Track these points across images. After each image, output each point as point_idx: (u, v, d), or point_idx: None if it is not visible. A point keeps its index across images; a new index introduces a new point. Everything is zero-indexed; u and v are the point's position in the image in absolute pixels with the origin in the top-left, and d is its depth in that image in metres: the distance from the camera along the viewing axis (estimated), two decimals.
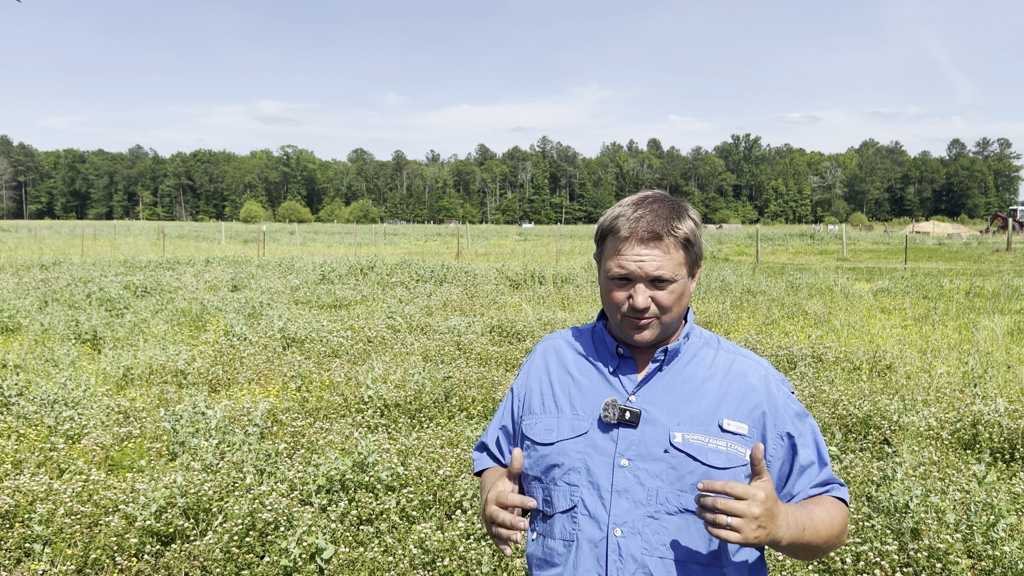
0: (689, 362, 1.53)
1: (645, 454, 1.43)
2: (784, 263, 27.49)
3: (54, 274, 19.18)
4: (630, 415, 1.44)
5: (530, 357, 1.70)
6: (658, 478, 1.42)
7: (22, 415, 6.08)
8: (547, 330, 10.25)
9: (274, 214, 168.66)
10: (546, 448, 1.52)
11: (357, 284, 17.31)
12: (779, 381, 1.54)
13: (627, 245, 1.44)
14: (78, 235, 49.03)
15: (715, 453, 1.43)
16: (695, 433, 1.44)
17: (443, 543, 3.81)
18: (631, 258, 1.43)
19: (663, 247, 1.43)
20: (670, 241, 1.43)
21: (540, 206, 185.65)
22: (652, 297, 1.44)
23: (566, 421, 1.52)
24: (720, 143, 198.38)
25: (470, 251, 35.94)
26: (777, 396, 1.51)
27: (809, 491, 1.49)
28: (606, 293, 1.50)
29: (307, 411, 6.47)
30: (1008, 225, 46.22)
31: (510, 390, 1.72)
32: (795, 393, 1.67)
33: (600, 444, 1.46)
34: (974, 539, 3.72)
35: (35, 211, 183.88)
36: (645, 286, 1.43)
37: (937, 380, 7.50)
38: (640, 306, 1.43)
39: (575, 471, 1.47)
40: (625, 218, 1.46)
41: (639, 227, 1.43)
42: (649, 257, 1.42)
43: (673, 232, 1.44)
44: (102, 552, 3.81)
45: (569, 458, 1.48)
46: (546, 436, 1.53)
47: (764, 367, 1.55)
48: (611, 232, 1.48)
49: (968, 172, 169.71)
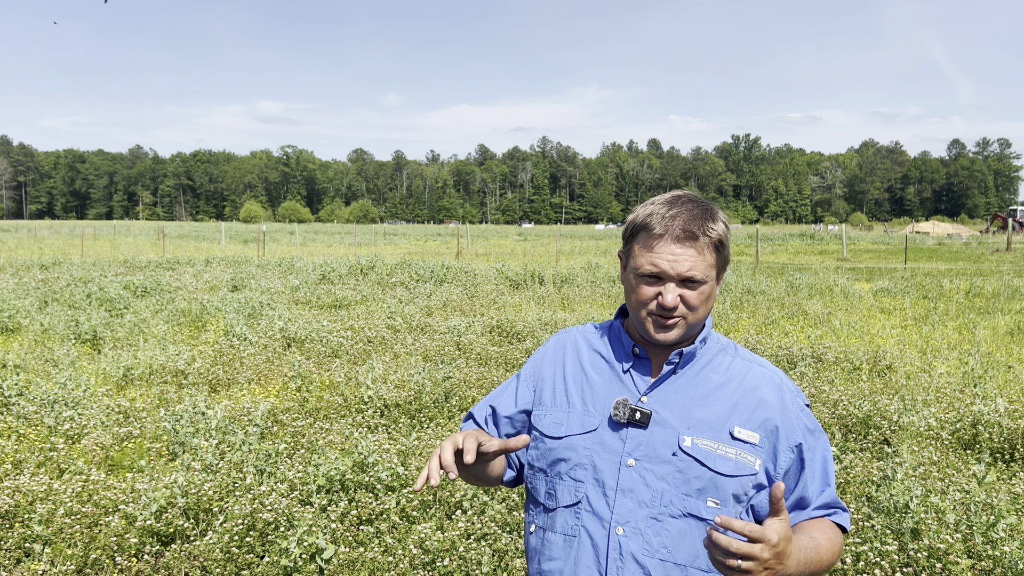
0: (704, 367, 1.51)
1: (653, 455, 1.43)
2: (784, 263, 27.49)
3: (54, 274, 19.18)
4: (640, 415, 1.44)
5: (543, 347, 1.69)
6: (664, 480, 1.42)
7: (22, 415, 6.08)
8: (547, 330, 10.25)
9: (274, 214, 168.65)
10: (554, 441, 1.52)
11: (357, 284, 17.31)
12: (793, 393, 1.53)
13: (661, 243, 1.43)
14: (78, 235, 49.03)
15: (723, 460, 1.43)
16: (705, 439, 1.43)
17: (443, 543, 3.82)
18: (665, 256, 1.42)
19: (698, 247, 1.42)
20: (704, 241, 1.43)
21: (540, 206, 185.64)
22: (681, 296, 1.43)
23: (576, 417, 1.51)
24: (720, 143, 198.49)
25: (470, 251, 35.94)
26: (791, 408, 1.50)
27: (812, 512, 1.49)
28: (632, 290, 1.48)
29: (307, 411, 6.47)
30: (1008, 225, 46.30)
31: (516, 375, 1.69)
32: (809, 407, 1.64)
33: (608, 442, 1.46)
34: (974, 539, 3.72)
35: (35, 211, 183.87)
36: (676, 285, 1.42)
37: (937, 380, 7.50)
38: (670, 305, 1.41)
39: (581, 467, 1.47)
40: (659, 216, 1.44)
41: (674, 225, 1.42)
42: (683, 256, 1.41)
43: (708, 233, 1.43)
44: (102, 552, 3.81)
45: (576, 454, 1.48)
46: (555, 430, 1.53)
47: (779, 378, 1.54)
48: (644, 228, 1.46)
49: (968, 172, 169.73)
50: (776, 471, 1.47)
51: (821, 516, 1.49)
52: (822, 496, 1.49)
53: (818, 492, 1.49)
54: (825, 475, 1.50)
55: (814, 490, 1.49)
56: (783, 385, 1.52)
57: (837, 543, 1.45)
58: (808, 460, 1.49)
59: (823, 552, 1.39)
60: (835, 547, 1.44)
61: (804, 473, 1.48)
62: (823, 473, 1.50)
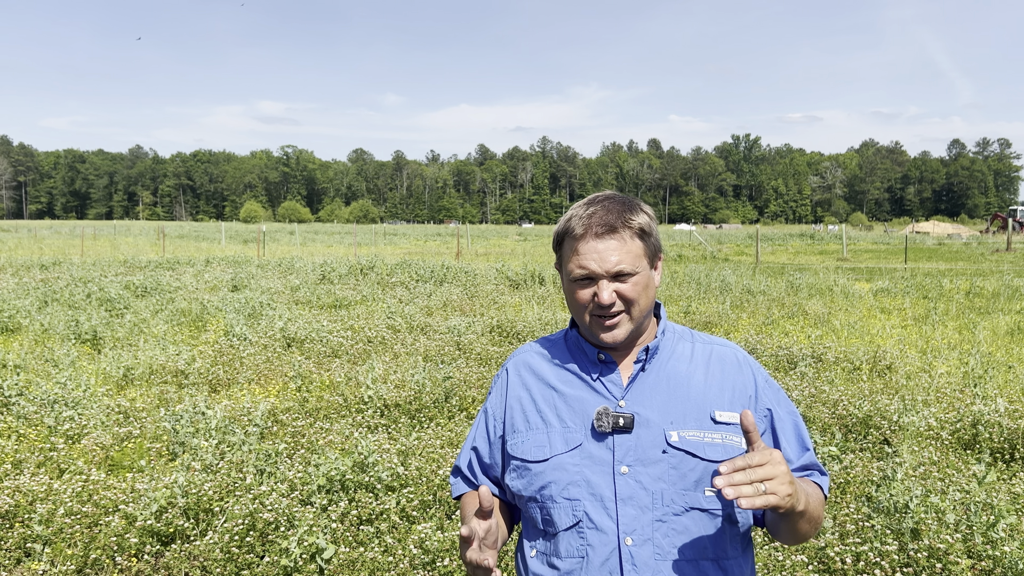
0: (670, 358, 1.51)
1: (644, 458, 1.42)
2: (784, 263, 27.49)
3: (54, 274, 19.17)
4: (624, 420, 1.42)
5: (499, 376, 1.64)
6: (661, 480, 1.41)
7: (22, 415, 6.08)
8: (547, 330, 10.25)
9: (274, 214, 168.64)
10: (540, 465, 1.47)
11: (357, 284, 17.31)
12: (754, 365, 1.56)
13: (584, 243, 1.43)
14: (78, 235, 49.02)
15: (711, 447, 1.42)
16: (689, 429, 1.43)
17: (443, 543, 3.81)
18: (591, 256, 1.42)
19: (619, 239, 1.42)
20: (626, 233, 1.43)
21: (540, 206, 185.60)
22: (616, 292, 1.42)
23: (557, 435, 1.47)
24: (720, 143, 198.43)
25: (470, 251, 35.94)
26: (756, 379, 1.52)
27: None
28: (570, 296, 1.48)
29: (307, 411, 6.47)
30: (1008, 225, 46.27)
31: (483, 411, 1.64)
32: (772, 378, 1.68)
33: (597, 454, 1.43)
34: (974, 539, 3.72)
35: (35, 211, 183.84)
36: (608, 281, 1.42)
37: (937, 380, 7.50)
38: (606, 302, 1.41)
39: (574, 485, 1.43)
40: (579, 217, 1.45)
41: (592, 222, 1.43)
42: (607, 251, 1.41)
43: (628, 223, 1.43)
44: (102, 552, 3.81)
45: (566, 473, 1.44)
46: (539, 453, 1.48)
47: (740, 352, 1.57)
48: (567, 234, 1.47)
49: (968, 172, 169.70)
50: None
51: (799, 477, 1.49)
52: (801, 459, 1.51)
53: (797, 456, 1.50)
54: (800, 438, 1.52)
55: (792, 453, 1.50)
56: (746, 359, 1.55)
57: (821, 500, 1.47)
58: (779, 425, 1.51)
59: (811, 496, 1.38)
60: (820, 502, 1.45)
61: (779, 437, 1.51)
62: (797, 437, 1.52)
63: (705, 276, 18.22)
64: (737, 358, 1.54)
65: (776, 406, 1.52)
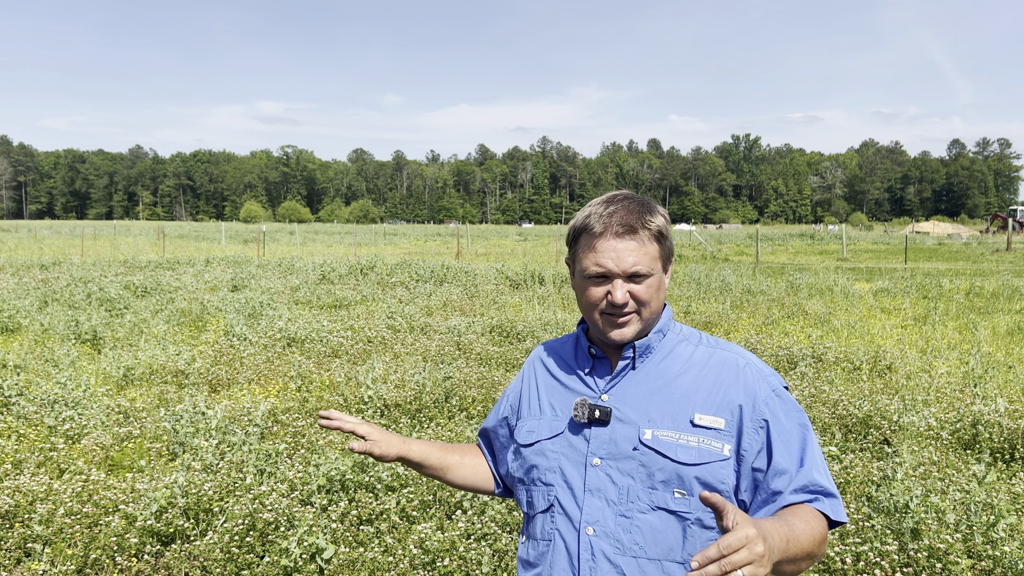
0: (665, 358, 1.50)
1: (616, 452, 1.43)
2: (784, 263, 27.49)
3: (54, 274, 19.17)
4: (600, 413, 1.44)
5: (524, 364, 1.75)
6: (629, 476, 1.41)
7: (22, 415, 6.08)
8: (547, 330, 10.26)
9: (274, 214, 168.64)
10: (527, 449, 1.55)
11: (357, 284, 17.31)
12: (761, 373, 1.46)
13: (602, 241, 1.43)
14: (78, 235, 49.03)
15: (685, 449, 1.39)
16: (665, 429, 1.41)
17: (443, 543, 3.82)
18: (608, 254, 1.42)
19: (638, 240, 1.43)
20: (644, 234, 1.43)
21: (540, 206, 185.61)
22: (630, 292, 1.43)
23: (546, 422, 1.54)
24: (720, 143, 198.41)
25: (470, 251, 35.94)
26: (754, 387, 1.43)
27: (790, 497, 1.38)
28: (582, 293, 1.49)
29: (307, 411, 6.47)
30: (1008, 225, 46.24)
31: (505, 393, 1.76)
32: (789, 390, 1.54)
33: (574, 444, 1.47)
34: (974, 539, 3.72)
35: (35, 211, 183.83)
36: (623, 281, 1.43)
37: (937, 380, 7.50)
38: (619, 301, 1.42)
39: (551, 471, 1.49)
40: (598, 215, 1.45)
41: (613, 222, 1.43)
42: (626, 251, 1.42)
43: (647, 225, 1.44)
44: (102, 552, 3.81)
45: (546, 459, 1.50)
46: (527, 437, 1.56)
47: (745, 359, 1.48)
48: (585, 230, 1.47)
49: (968, 172, 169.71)
50: (743, 451, 1.41)
51: (800, 502, 1.37)
52: (798, 477, 1.38)
53: (793, 472, 1.38)
54: (801, 454, 1.40)
55: (787, 469, 1.38)
56: (748, 366, 1.46)
57: (818, 530, 1.31)
58: (776, 438, 1.40)
59: (799, 532, 1.25)
60: (815, 534, 1.30)
61: (774, 452, 1.39)
62: (799, 452, 1.40)
63: (705, 276, 18.23)
64: (738, 365, 1.46)
65: (780, 417, 1.42)
